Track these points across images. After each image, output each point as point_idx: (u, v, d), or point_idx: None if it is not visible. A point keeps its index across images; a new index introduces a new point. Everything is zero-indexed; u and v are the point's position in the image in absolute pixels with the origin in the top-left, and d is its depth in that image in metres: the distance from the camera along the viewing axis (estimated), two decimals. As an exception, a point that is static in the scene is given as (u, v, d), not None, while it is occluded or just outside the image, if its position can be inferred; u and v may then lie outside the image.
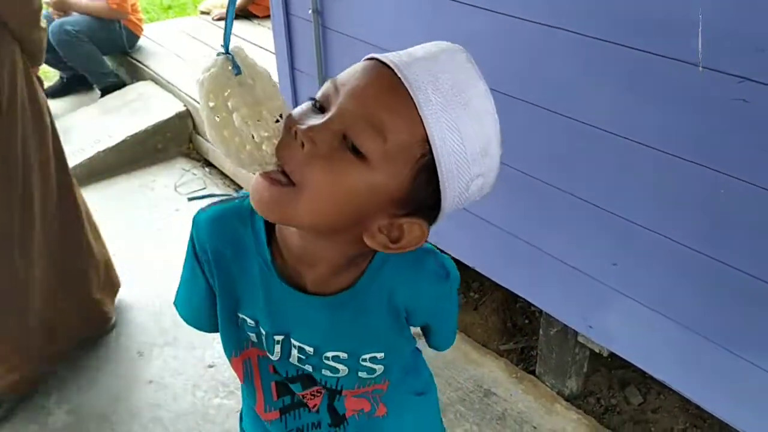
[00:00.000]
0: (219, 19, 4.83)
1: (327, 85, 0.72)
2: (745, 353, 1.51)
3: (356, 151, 0.67)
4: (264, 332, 0.87)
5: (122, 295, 2.63)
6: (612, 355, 1.92)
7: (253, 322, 0.87)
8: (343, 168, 0.67)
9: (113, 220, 3.18)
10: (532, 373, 2.23)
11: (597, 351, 1.98)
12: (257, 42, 4.34)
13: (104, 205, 3.30)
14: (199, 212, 0.88)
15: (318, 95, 0.73)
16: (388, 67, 0.68)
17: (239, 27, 4.70)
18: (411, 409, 1.04)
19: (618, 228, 1.64)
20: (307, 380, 0.92)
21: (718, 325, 1.55)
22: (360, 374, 0.90)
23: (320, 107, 0.71)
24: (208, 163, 3.67)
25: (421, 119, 0.67)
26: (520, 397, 2.13)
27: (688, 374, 1.69)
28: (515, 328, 2.45)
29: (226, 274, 0.86)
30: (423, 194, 0.71)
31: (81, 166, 3.45)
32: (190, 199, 3.45)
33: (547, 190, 1.77)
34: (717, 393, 1.64)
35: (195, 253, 0.88)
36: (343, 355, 0.88)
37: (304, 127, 0.68)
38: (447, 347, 1.02)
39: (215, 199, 0.89)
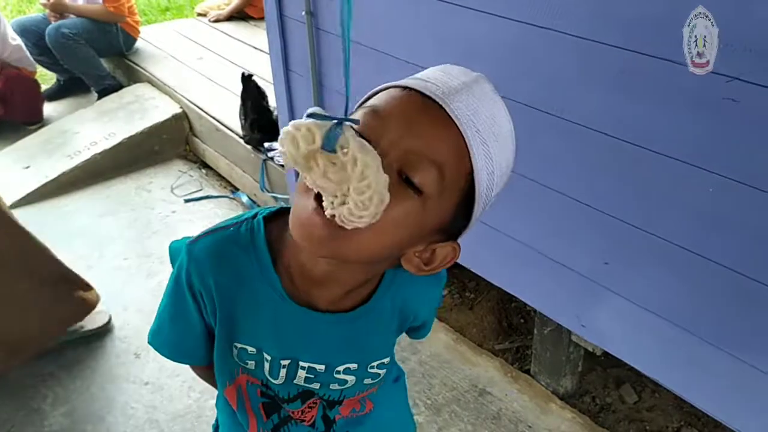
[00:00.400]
0: (216, 21, 4.84)
1: (364, 114, 0.70)
2: (737, 352, 1.52)
3: (412, 186, 0.68)
4: (269, 358, 0.86)
5: (119, 297, 2.64)
6: (606, 353, 1.93)
7: (253, 350, 0.86)
8: (405, 205, 0.68)
9: (110, 222, 3.19)
10: (527, 372, 2.23)
11: (590, 350, 1.98)
12: (253, 43, 4.35)
13: (101, 207, 3.32)
14: (192, 244, 0.84)
15: (359, 125, 0.69)
16: (428, 97, 0.69)
17: (235, 28, 4.71)
18: (391, 396, 1.05)
19: (609, 227, 1.64)
20: (306, 395, 0.91)
21: (709, 323, 1.55)
22: (365, 381, 0.91)
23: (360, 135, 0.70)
24: (205, 165, 3.67)
25: (468, 153, 0.69)
26: (515, 396, 2.13)
27: (681, 373, 1.69)
28: (510, 328, 2.46)
29: (227, 306, 0.84)
30: (459, 220, 0.75)
31: (78, 168, 3.47)
32: (186, 201, 3.47)
33: (540, 190, 1.77)
34: (710, 391, 1.64)
35: (190, 287, 0.84)
36: (353, 366, 0.89)
37: None
38: (425, 337, 1.06)
39: (205, 229, 0.86)
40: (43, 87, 4.37)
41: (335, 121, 0.64)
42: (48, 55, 4.18)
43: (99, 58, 4.24)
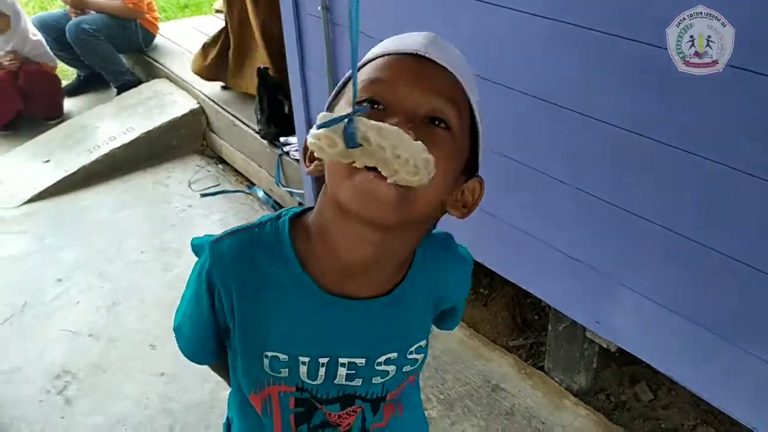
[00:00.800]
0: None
1: (367, 87, 0.74)
2: (754, 349, 1.50)
3: (440, 126, 0.74)
4: (305, 360, 0.84)
5: (137, 289, 2.67)
6: (621, 350, 1.91)
7: (286, 357, 0.84)
8: (443, 143, 0.73)
9: (128, 216, 3.22)
10: (541, 368, 2.22)
11: (605, 346, 1.97)
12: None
13: (120, 200, 3.36)
14: (214, 244, 0.83)
15: (370, 95, 0.73)
16: (415, 56, 0.75)
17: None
18: (410, 396, 1.03)
19: (624, 222, 1.62)
20: (346, 400, 0.89)
21: (727, 320, 1.53)
22: (404, 369, 0.90)
23: (375, 103, 0.74)
24: (222, 160, 3.70)
25: (463, 90, 0.76)
26: (529, 392, 2.12)
27: (696, 370, 1.67)
28: (525, 324, 2.44)
29: (249, 311, 0.83)
30: (474, 152, 0.80)
31: (97, 162, 3.51)
32: (203, 195, 3.49)
33: (554, 185, 1.76)
34: (726, 389, 1.62)
35: (209, 287, 0.83)
36: (393, 355, 0.87)
37: (394, 121, 0.70)
38: (455, 327, 1.06)
39: (228, 228, 0.85)
40: (64, 82, 4.43)
41: (345, 120, 0.66)
42: (68, 50, 4.23)
43: (118, 54, 4.29)
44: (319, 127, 0.67)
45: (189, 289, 0.89)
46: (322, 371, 0.85)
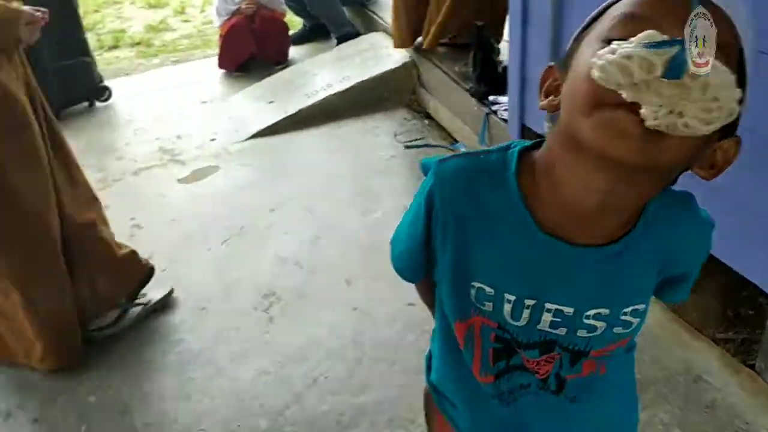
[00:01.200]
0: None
1: (625, 23, 0.67)
2: None
3: None
4: (511, 299, 0.82)
5: (339, 228, 2.82)
6: None
7: (491, 291, 0.83)
8: None
9: (338, 159, 3.41)
10: (752, 367, 2.01)
11: (838, 354, 1.73)
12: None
13: (331, 144, 3.57)
14: (440, 163, 0.83)
15: (626, 35, 0.66)
16: None
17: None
18: (622, 366, 0.97)
19: None
20: (546, 346, 0.86)
21: None
22: (615, 330, 0.85)
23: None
24: (428, 116, 3.75)
25: (736, 32, 0.68)
26: (734, 389, 1.94)
27: None
28: (737, 318, 2.23)
29: (463, 237, 0.82)
30: None
31: (314, 107, 3.75)
32: (406, 147, 3.59)
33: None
34: None
35: (428, 205, 0.84)
36: (605, 311, 0.83)
37: None
38: (680, 300, 0.96)
39: (455, 151, 0.85)
40: (291, 31, 4.75)
41: (682, 47, 0.61)
42: (297, 1, 4.53)
43: (342, 6, 4.49)
44: (646, 46, 0.62)
45: (412, 206, 0.90)
46: (526, 313, 0.83)
